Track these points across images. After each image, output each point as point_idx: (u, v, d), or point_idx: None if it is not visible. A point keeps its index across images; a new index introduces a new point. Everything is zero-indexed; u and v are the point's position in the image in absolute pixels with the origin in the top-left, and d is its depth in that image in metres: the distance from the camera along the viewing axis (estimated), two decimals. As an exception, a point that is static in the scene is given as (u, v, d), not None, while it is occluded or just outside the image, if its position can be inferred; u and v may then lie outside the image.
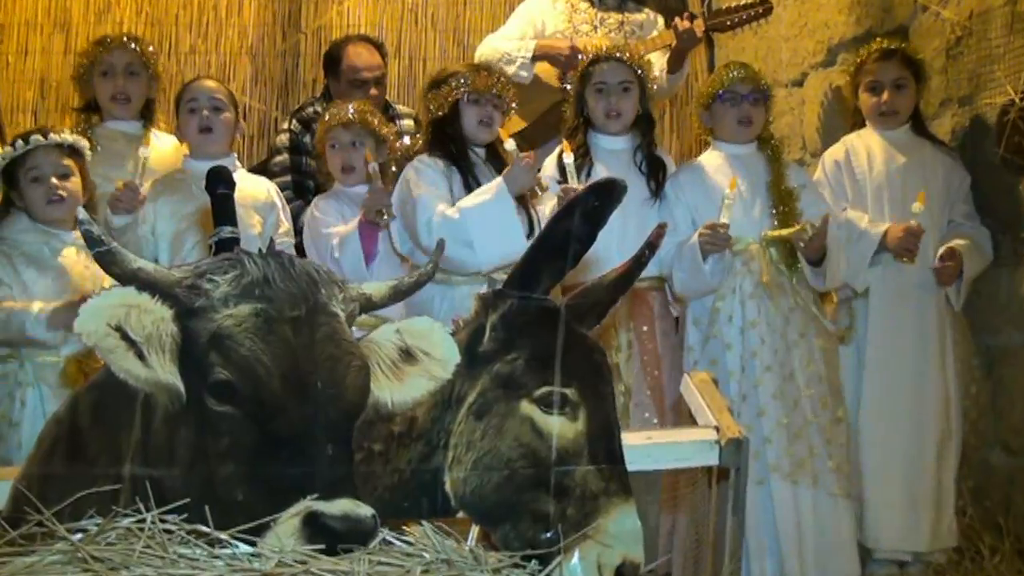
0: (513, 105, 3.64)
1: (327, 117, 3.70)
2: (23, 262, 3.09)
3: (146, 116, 3.90)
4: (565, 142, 3.58)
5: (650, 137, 3.78)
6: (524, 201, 3.49)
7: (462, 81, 3.49)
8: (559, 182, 3.61)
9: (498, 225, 3.31)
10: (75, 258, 3.15)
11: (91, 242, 1.84)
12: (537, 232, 3.47)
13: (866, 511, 3.61)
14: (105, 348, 1.80)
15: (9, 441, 3.00)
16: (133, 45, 3.86)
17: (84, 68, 3.86)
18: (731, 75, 3.71)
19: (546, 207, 3.51)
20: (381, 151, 3.66)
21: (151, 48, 3.96)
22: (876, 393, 3.66)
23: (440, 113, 3.52)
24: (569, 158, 3.44)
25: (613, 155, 3.72)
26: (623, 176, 3.49)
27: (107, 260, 1.84)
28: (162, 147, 3.86)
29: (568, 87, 3.87)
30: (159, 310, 1.83)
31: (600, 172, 3.57)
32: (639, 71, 3.75)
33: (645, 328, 3.62)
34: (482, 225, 3.31)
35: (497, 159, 3.58)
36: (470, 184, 3.47)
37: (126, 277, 1.84)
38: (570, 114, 3.80)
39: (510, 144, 3.44)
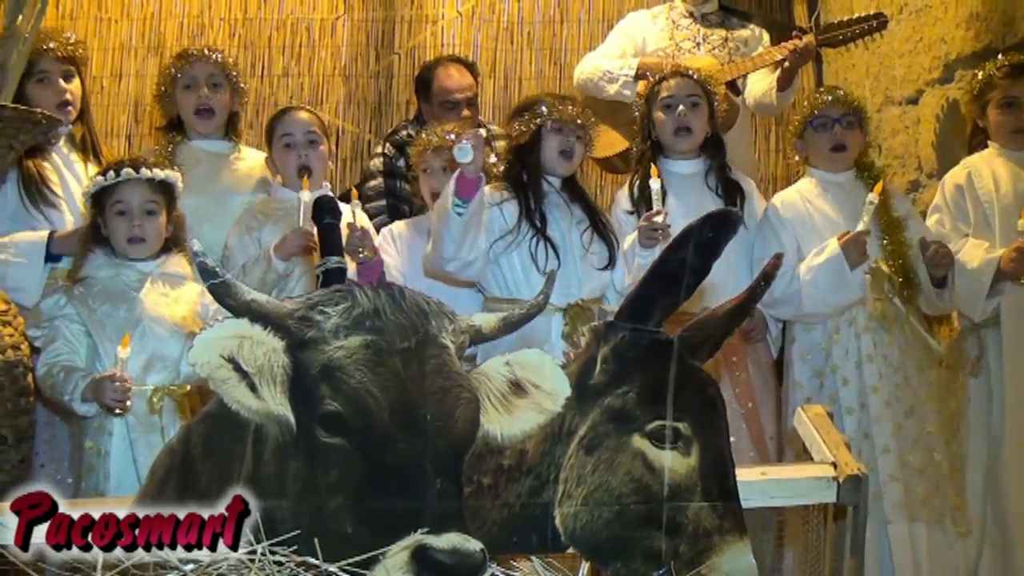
0: (594, 138, 3.57)
1: (420, 140, 3.68)
2: (98, 299, 3.13)
3: (231, 133, 3.87)
4: (653, 167, 3.48)
5: (721, 160, 3.69)
6: (603, 229, 3.44)
7: (547, 109, 3.45)
8: (629, 212, 3.55)
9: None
10: (149, 287, 3.17)
11: (205, 274, 1.85)
12: (616, 260, 3.45)
13: (1016, 553, 3.44)
14: (218, 379, 1.81)
15: (99, 471, 3.05)
16: (215, 56, 3.83)
17: (166, 83, 3.83)
18: (821, 100, 3.61)
19: (625, 242, 3.45)
20: None
21: (233, 61, 3.93)
22: (1015, 428, 3.49)
23: (521, 140, 3.47)
24: (656, 183, 3.35)
25: (685, 180, 3.62)
26: (697, 202, 3.48)
27: (221, 292, 1.85)
28: (250, 162, 3.86)
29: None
30: (271, 342, 1.84)
31: (671, 200, 3.48)
32: (708, 88, 3.67)
33: (735, 358, 3.53)
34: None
35: (573, 191, 3.53)
36: (531, 214, 3.41)
37: (239, 309, 1.85)
38: (638, 139, 3.71)
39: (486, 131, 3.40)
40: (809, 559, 2.50)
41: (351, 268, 3.33)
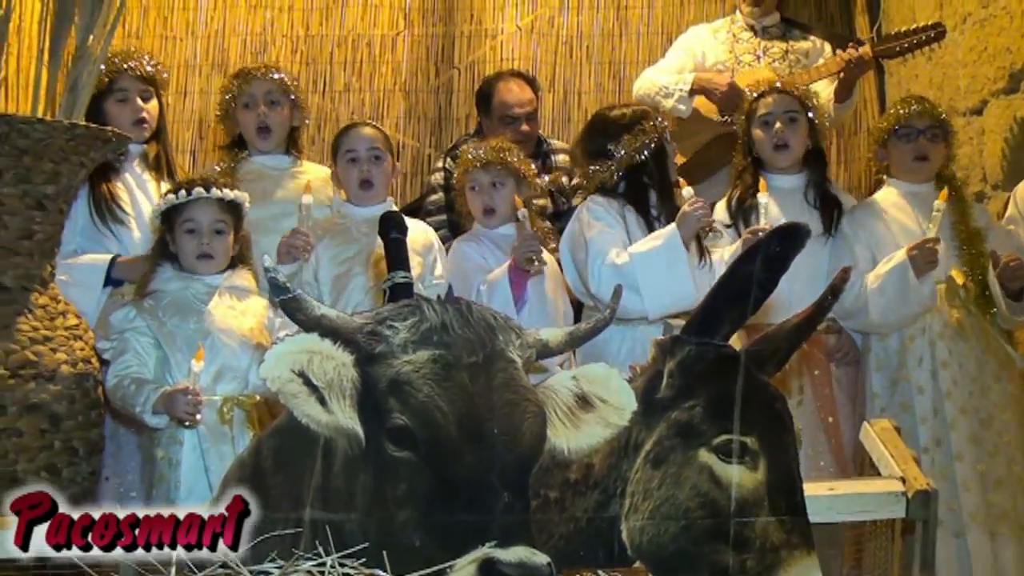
0: None
1: (465, 157, 3.67)
2: (168, 311, 3.17)
3: (292, 148, 3.91)
4: (762, 181, 3.49)
5: (822, 174, 3.67)
6: (699, 243, 3.43)
7: (661, 122, 3.46)
8: (727, 226, 3.55)
9: (667, 272, 3.24)
10: (217, 300, 3.21)
11: (276, 290, 1.87)
12: (708, 260, 3.44)
13: None
14: (288, 393, 1.84)
15: (170, 480, 3.09)
16: (273, 74, 3.86)
17: (226, 103, 3.87)
18: (907, 110, 3.59)
19: (725, 252, 3.43)
20: (522, 189, 3.63)
21: (292, 77, 3.96)
22: None
23: (642, 154, 3.41)
24: (764, 198, 3.36)
25: (785, 194, 3.61)
26: (796, 215, 3.46)
27: (292, 307, 1.88)
28: (309, 176, 3.85)
29: (729, 120, 3.78)
30: (341, 356, 1.86)
31: (773, 212, 3.47)
32: (806, 103, 3.65)
33: (817, 372, 3.50)
34: (651, 272, 3.22)
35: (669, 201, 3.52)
36: (651, 224, 3.40)
37: (310, 324, 1.87)
38: (739, 155, 3.72)
39: (688, 191, 3.35)
40: (877, 575, 2.47)
41: (502, 271, 3.36)
